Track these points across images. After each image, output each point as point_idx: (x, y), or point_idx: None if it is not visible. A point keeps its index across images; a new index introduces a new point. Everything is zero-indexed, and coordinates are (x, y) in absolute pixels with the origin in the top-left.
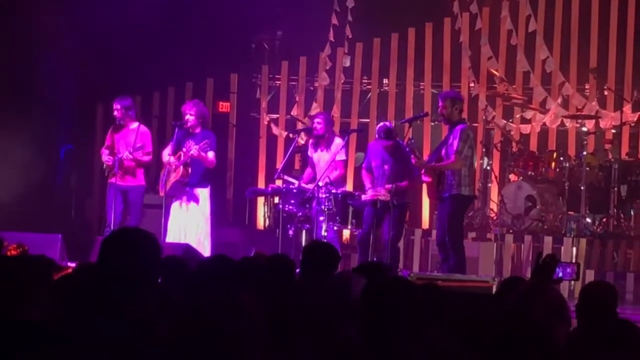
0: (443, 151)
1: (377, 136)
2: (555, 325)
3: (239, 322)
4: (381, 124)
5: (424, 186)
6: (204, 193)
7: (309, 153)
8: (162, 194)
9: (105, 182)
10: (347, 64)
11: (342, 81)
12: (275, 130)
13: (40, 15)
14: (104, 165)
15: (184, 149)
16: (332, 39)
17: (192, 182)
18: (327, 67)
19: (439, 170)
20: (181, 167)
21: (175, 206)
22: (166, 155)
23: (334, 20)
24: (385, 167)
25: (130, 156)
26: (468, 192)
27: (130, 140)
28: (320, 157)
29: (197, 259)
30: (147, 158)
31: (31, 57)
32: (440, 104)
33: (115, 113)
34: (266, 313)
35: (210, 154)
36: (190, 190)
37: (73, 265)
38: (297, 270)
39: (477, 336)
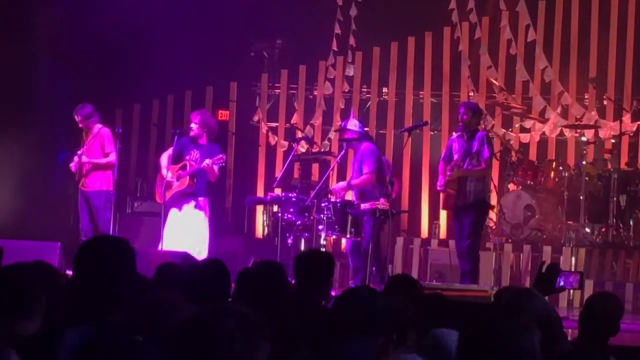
0: (467, 161)
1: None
2: (529, 337)
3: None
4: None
5: (425, 196)
6: (204, 203)
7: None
8: (161, 201)
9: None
10: (352, 73)
11: (347, 90)
12: (272, 140)
13: (38, 22)
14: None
15: (187, 158)
16: (335, 48)
17: (197, 193)
18: (332, 77)
19: (461, 179)
20: (187, 178)
21: (173, 215)
22: (164, 160)
23: (337, 30)
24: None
25: (87, 159)
26: (489, 200)
27: (90, 143)
28: None
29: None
30: (105, 160)
31: (29, 64)
32: (461, 110)
33: (79, 125)
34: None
35: (216, 168)
36: (190, 199)
37: (70, 273)
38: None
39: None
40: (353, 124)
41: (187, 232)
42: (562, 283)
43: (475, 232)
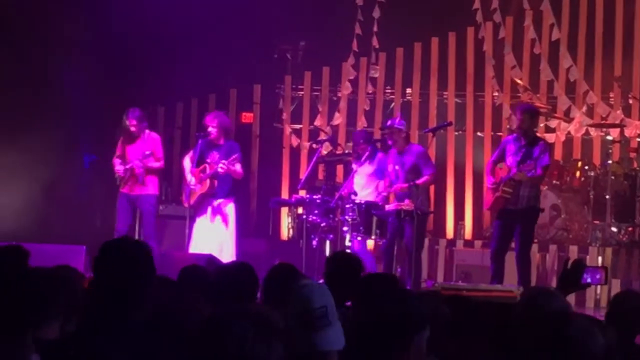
0: (527, 164)
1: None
2: (596, 336)
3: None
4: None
5: (450, 196)
6: (230, 205)
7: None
8: (186, 205)
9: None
10: (376, 74)
11: (371, 91)
12: (294, 141)
13: (61, 25)
14: (116, 175)
15: (208, 160)
16: (355, 48)
17: (219, 194)
18: (352, 77)
19: (517, 182)
20: (207, 180)
21: (201, 219)
22: (187, 164)
23: (358, 30)
24: (396, 167)
25: (140, 164)
26: (539, 205)
27: (141, 148)
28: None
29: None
30: (157, 164)
31: (55, 68)
32: (519, 117)
33: (132, 129)
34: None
35: (238, 166)
36: (216, 202)
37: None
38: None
39: (505, 345)
40: (402, 124)
41: (213, 237)
42: (588, 279)
43: (526, 240)
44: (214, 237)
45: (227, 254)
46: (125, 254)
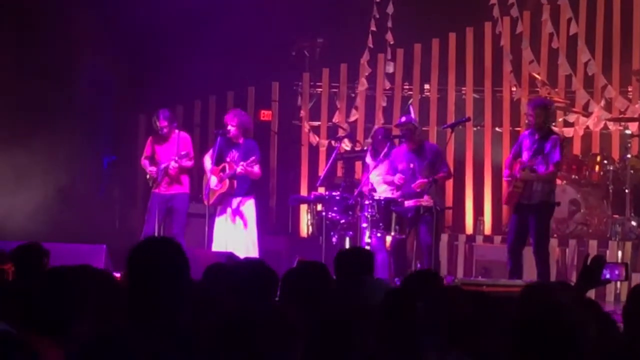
0: (538, 160)
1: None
2: (589, 324)
3: (281, 336)
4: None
5: (469, 192)
6: (249, 203)
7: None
8: (207, 203)
9: (149, 193)
10: (391, 70)
11: (388, 87)
12: (313, 139)
13: (78, 25)
14: (148, 177)
15: (228, 159)
16: (370, 45)
17: (238, 193)
18: (367, 74)
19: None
20: (227, 180)
21: (221, 219)
22: (207, 162)
23: (373, 27)
24: (411, 165)
25: (176, 165)
26: (554, 199)
27: (173, 148)
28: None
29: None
30: (190, 163)
31: (71, 67)
32: (531, 112)
33: (164, 130)
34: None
35: (256, 168)
36: (236, 201)
37: (118, 275)
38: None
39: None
40: (416, 120)
41: (234, 235)
42: (607, 275)
43: (541, 234)
44: (238, 237)
45: (253, 253)
46: (160, 255)
